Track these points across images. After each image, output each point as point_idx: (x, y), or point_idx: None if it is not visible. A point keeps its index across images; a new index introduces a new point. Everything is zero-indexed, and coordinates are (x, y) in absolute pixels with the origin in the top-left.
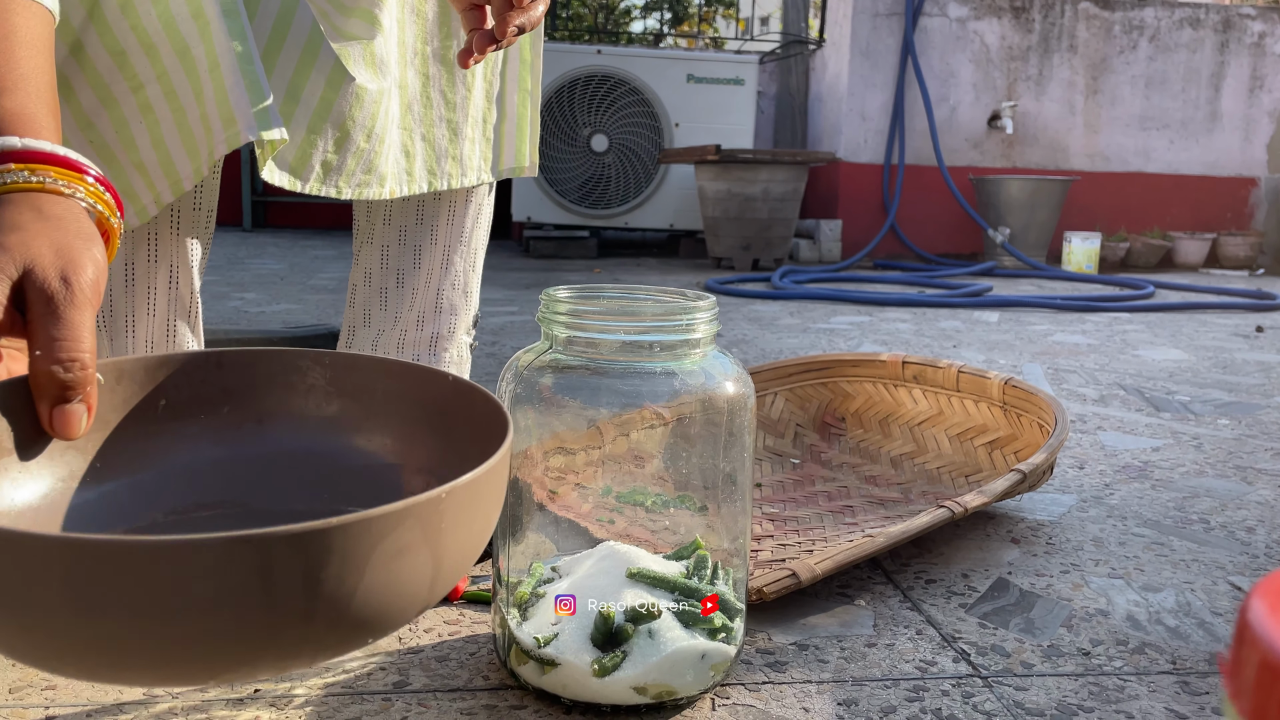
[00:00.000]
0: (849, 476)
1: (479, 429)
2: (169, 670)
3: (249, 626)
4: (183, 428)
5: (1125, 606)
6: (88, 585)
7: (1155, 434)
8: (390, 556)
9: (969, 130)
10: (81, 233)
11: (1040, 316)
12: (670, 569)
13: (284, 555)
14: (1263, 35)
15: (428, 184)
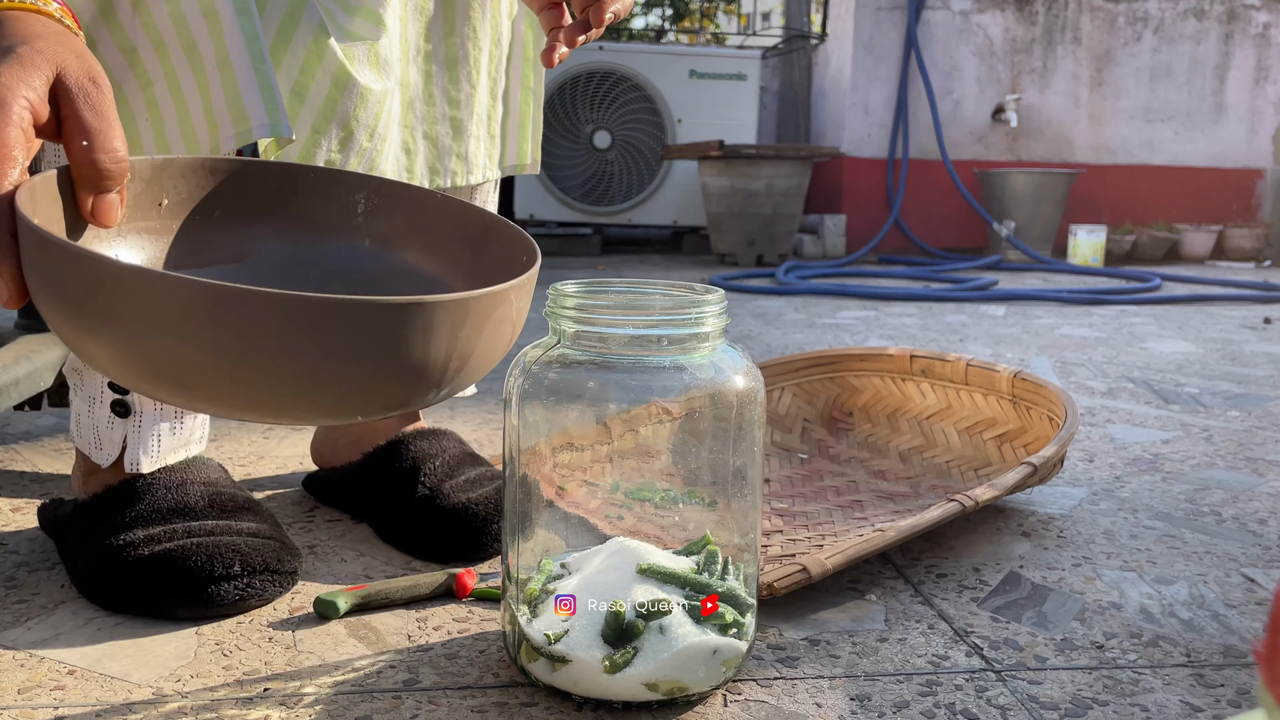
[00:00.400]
0: (857, 471)
1: (509, 251)
2: (325, 407)
3: (406, 371)
4: (246, 229)
5: (1138, 599)
6: (297, 333)
7: (1165, 426)
8: (498, 324)
9: (973, 124)
10: (82, 44)
11: (1047, 310)
12: (681, 564)
13: (441, 316)
14: (1267, 26)
15: (429, 181)
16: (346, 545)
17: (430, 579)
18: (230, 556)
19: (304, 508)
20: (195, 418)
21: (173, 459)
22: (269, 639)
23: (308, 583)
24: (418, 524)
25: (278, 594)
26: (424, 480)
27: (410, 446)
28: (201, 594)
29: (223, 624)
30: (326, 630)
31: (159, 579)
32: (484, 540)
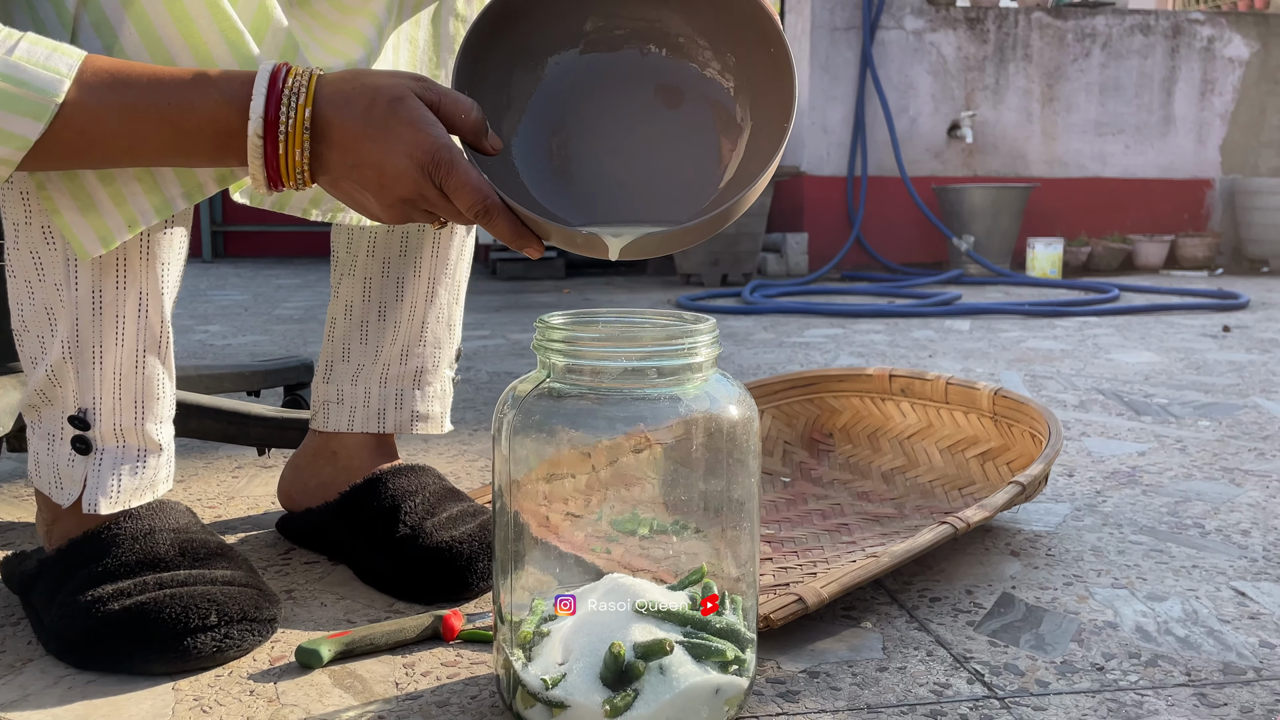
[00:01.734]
0: (841, 493)
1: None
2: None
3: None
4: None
5: (1133, 617)
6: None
7: (1139, 438)
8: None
9: (929, 140)
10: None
11: (1011, 323)
12: (678, 600)
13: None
14: (1211, 39)
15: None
16: (326, 588)
17: (415, 622)
18: (206, 606)
19: (279, 550)
20: (159, 456)
21: (136, 501)
22: (250, 692)
23: (287, 630)
24: (400, 565)
25: (257, 643)
26: (404, 519)
27: (389, 484)
28: (177, 647)
29: (200, 678)
30: (310, 680)
31: (131, 634)
32: (469, 580)
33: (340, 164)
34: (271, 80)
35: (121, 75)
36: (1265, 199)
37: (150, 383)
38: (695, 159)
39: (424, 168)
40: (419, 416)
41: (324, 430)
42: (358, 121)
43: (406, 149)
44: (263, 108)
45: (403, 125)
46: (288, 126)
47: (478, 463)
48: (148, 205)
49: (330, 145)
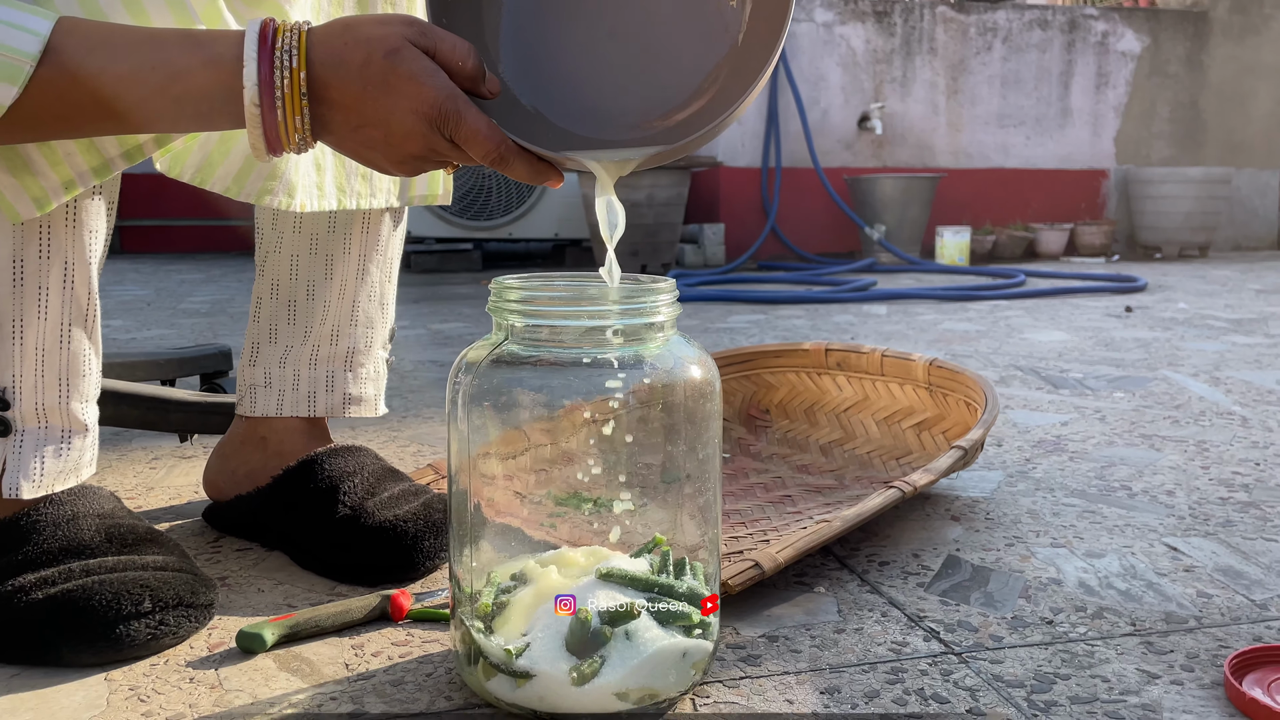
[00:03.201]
0: (781, 467)
1: None
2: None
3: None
4: None
5: (1075, 574)
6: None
7: (1060, 410)
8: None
9: (840, 132)
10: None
11: (926, 307)
12: (639, 567)
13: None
14: (1106, 34)
15: (337, 201)
16: (262, 574)
17: (362, 603)
18: (139, 592)
19: (207, 539)
20: (85, 438)
21: (60, 486)
22: (189, 679)
23: (225, 616)
24: (342, 546)
25: (193, 630)
26: (344, 499)
27: (325, 465)
28: (109, 635)
29: (134, 667)
30: (254, 665)
31: (59, 623)
32: (415, 559)
33: (344, 125)
34: (260, 40)
35: (101, 36)
36: (1157, 188)
37: (76, 359)
38: (692, 36)
39: (432, 122)
40: (351, 399)
41: (251, 415)
42: (355, 80)
43: (411, 104)
44: (255, 74)
45: (403, 80)
46: (283, 90)
47: (409, 448)
48: (85, 166)
49: (330, 106)
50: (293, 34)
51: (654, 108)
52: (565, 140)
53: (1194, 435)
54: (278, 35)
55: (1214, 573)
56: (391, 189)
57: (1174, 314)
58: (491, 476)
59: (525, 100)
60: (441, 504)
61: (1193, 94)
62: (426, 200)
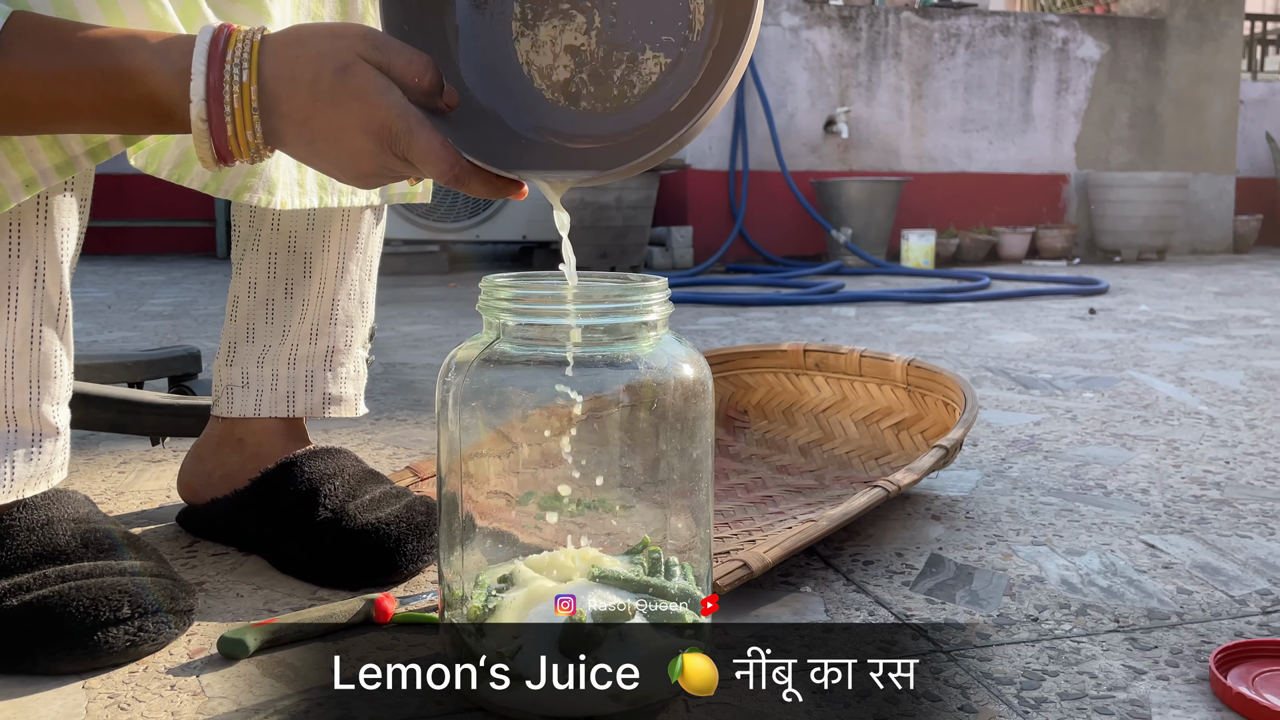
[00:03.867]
0: (760, 467)
1: None
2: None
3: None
4: None
5: (1057, 571)
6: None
7: (1032, 410)
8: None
9: (807, 135)
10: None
11: (894, 309)
12: (630, 568)
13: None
14: (1066, 41)
15: (318, 199)
16: (240, 579)
17: (345, 607)
18: (117, 598)
19: (182, 543)
20: (56, 441)
21: (31, 491)
22: (171, 686)
23: (203, 622)
24: (323, 550)
25: (173, 636)
26: (325, 502)
27: (305, 467)
28: (87, 642)
29: (112, 675)
30: (237, 672)
31: (35, 630)
32: (398, 562)
33: (295, 138)
34: (210, 49)
35: (50, 35)
36: (1116, 192)
37: (47, 360)
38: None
39: (383, 141)
40: (331, 399)
41: (228, 416)
42: (305, 95)
43: (360, 123)
44: (204, 87)
45: (353, 98)
46: (233, 105)
47: (384, 451)
48: (48, 163)
49: (281, 118)
50: (245, 44)
51: (610, 124)
52: (523, 156)
53: (1164, 434)
54: (230, 44)
55: (1192, 569)
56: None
57: (1136, 316)
58: (482, 478)
59: (483, 100)
60: (424, 507)
61: (1150, 100)
62: (406, 198)
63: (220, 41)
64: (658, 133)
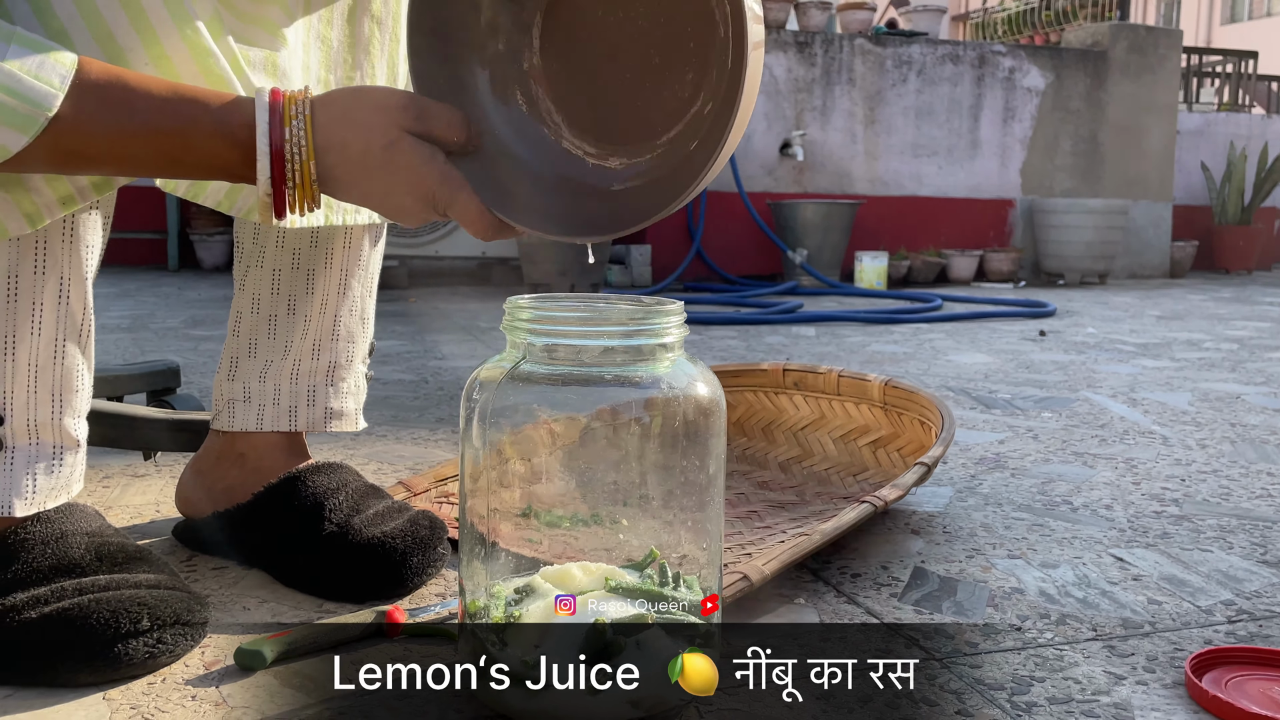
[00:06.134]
0: (743, 483)
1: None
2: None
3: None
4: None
5: (1035, 583)
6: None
7: (995, 429)
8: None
9: (763, 158)
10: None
11: (852, 329)
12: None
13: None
14: (1013, 70)
15: (324, 217)
16: (244, 593)
17: (357, 619)
18: (137, 610)
19: (179, 557)
20: (76, 454)
21: (52, 503)
22: (192, 697)
23: (214, 635)
24: (328, 563)
25: (189, 648)
26: (330, 517)
27: (308, 483)
28: (107, 654)
29: (131, 686)
30: (255, 682)
31: (56, 642)
32: (404, 575)
33: (347, 195)
34: (271, 117)
35: (115, 91)
36: (1059, 218)
37: (70, 374)
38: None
39: (426, 202)
40: (333, 414)
41: (229, 430)
42: (356, 165)
43: (406, 188)
44: (268, 167)
45: (400, 170)
46: (295, 180)
47: (368, 466)
48: (85, 182)
49: (336, 182)
50: (300, 121)
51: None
52: (546, 205)
53: (1121, 453)
54: (286, 121)
55: (1160, 581)
56: None
57: (1084, 338)
58: (503, 491)
59: (511, 145)
60: (427, 521)
61: (1093, 129)
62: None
63: (277, 113)
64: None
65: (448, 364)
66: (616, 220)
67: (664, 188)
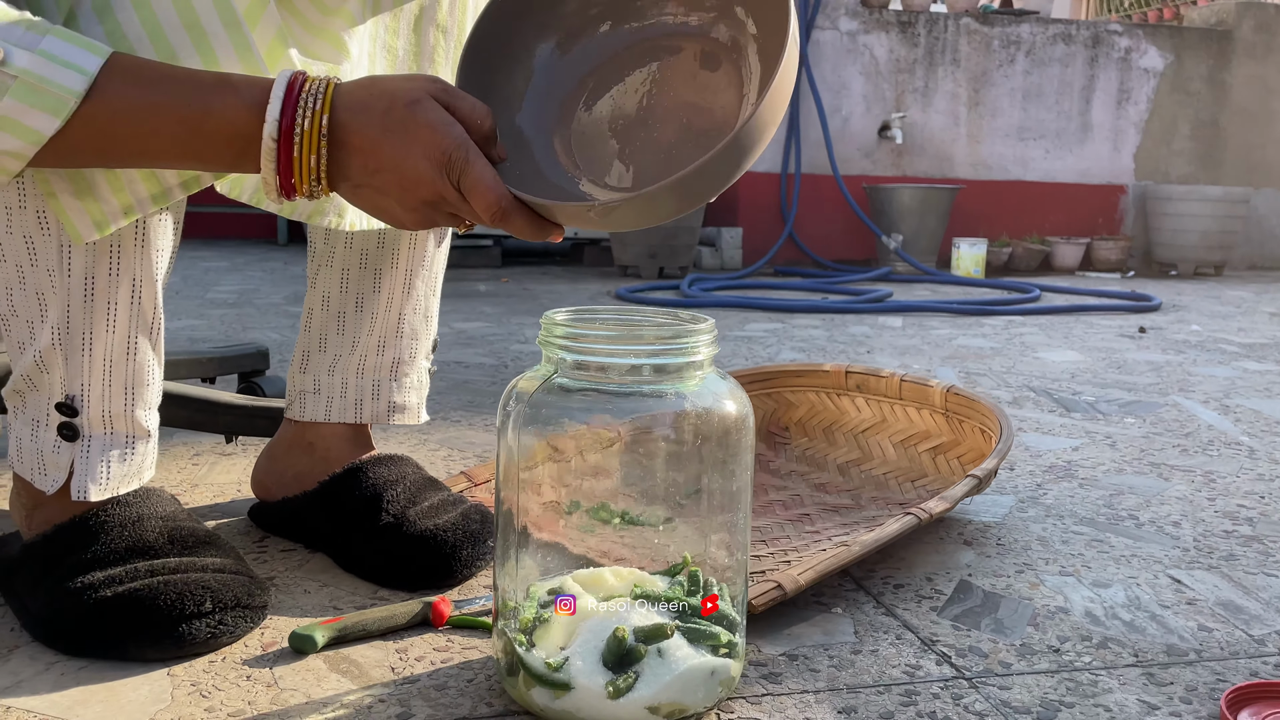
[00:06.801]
0: (799, 484)
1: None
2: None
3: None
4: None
5: (1081, 603)
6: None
7: (1071, 434)
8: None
9: (861, 140)
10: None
11: (941, 321)
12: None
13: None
14: (1129, 50)
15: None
16: (307, 576)
17: (405, 609)
18: (201, 594)
19: (253, 538)
20: (147, 443)
21: (125, 488)
22: (247, 677)
23: (275, 616)
24: (384, 553)
25: (249, 629)
26: (387, 508)
27: (369, 474)
28: (173, 633)
29: (194, 664)
30: (305, 666)
31: (127, 620)
32: (454, 567)
33: (361, 169)
34: (289, 86)
35: (145, 74)
36: (1175, 205)
37: (141, 369)
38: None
39: (441, 167)
40: (396, 407)
41: (300, 420)
42: (375, 126)
43: (424, 149)
44: (279, 111)
45: (420, 127)
46: (303, 128)
47: (439, 452)
48: (145, 193)
49: (349, 150)
50: (320, 83)
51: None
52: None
53: (1201, 465)
54: (306, 83)
55: (1215, 606)
56: None
57: (1187, 336)
58: (535, 494)
59: (537, 157)
60: (478, 514)
61: (1214, 112)
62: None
63: (298, 81)
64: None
65: (528, 348)
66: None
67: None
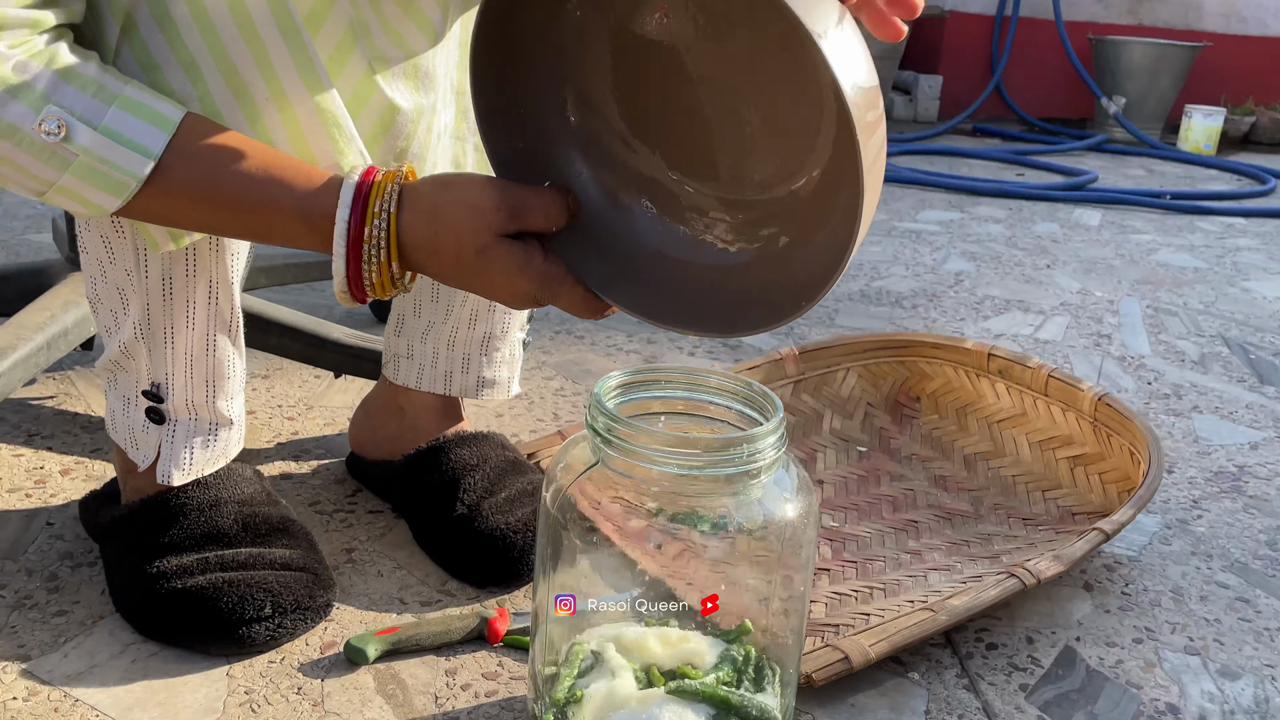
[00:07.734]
0: (918, 474)
1: None
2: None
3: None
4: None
5: (1198, 699)
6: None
7: (1256, 420)
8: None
9: None
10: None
11: (1146, 221)
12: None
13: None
14: None
15: None
16: (386, 550)
17: (462, 624)
18: (261, 598)
19: (346, 490)
20: (230, 430)
21: (207, 470)
22: (297, 690)
23: (341, 607)
24: (454, 545)
25: (309, 629)
26: (463, 497)
27: (451, 455)
28: (233, 635)
29: (254, 663)
30: (354, 683)
31: (191, 618)
32: (519, 569)
33: (443, 282)
34: (350, 218)
35: (204, 163)
36: None
37: (221, 364)
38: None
39: (529, 299)
40: (485, 382)
41: (394, 381)
42: (448, 268)
43: (506, 293)
44: (344, 268)
45: (495, 274)
46: (371, 281)
47: (553, 382)
48: None
49: (429, 274)
50: (382, 216)
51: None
52: (647, 278)
53: None
54: (368, 218)
55: None
56: None
57: None
58: (571, 573)
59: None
60: None
61: None
62: None
63: (359, 206)
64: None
65: None
66: (730, 312)
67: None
